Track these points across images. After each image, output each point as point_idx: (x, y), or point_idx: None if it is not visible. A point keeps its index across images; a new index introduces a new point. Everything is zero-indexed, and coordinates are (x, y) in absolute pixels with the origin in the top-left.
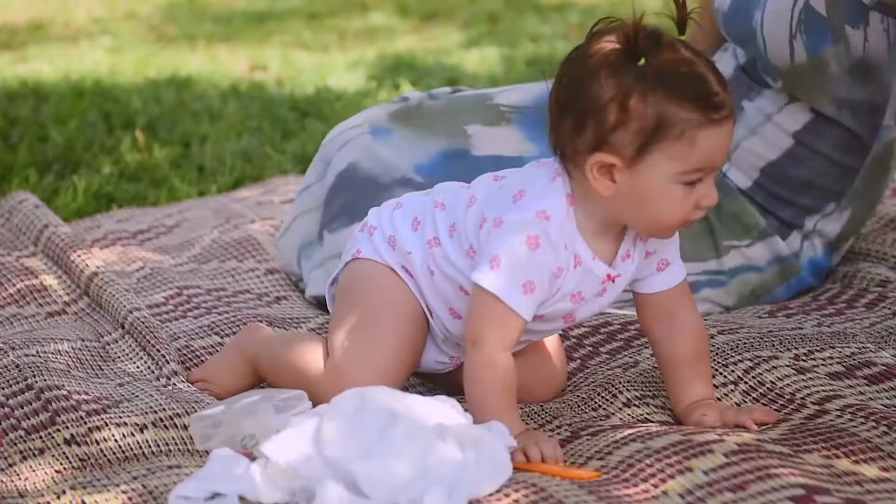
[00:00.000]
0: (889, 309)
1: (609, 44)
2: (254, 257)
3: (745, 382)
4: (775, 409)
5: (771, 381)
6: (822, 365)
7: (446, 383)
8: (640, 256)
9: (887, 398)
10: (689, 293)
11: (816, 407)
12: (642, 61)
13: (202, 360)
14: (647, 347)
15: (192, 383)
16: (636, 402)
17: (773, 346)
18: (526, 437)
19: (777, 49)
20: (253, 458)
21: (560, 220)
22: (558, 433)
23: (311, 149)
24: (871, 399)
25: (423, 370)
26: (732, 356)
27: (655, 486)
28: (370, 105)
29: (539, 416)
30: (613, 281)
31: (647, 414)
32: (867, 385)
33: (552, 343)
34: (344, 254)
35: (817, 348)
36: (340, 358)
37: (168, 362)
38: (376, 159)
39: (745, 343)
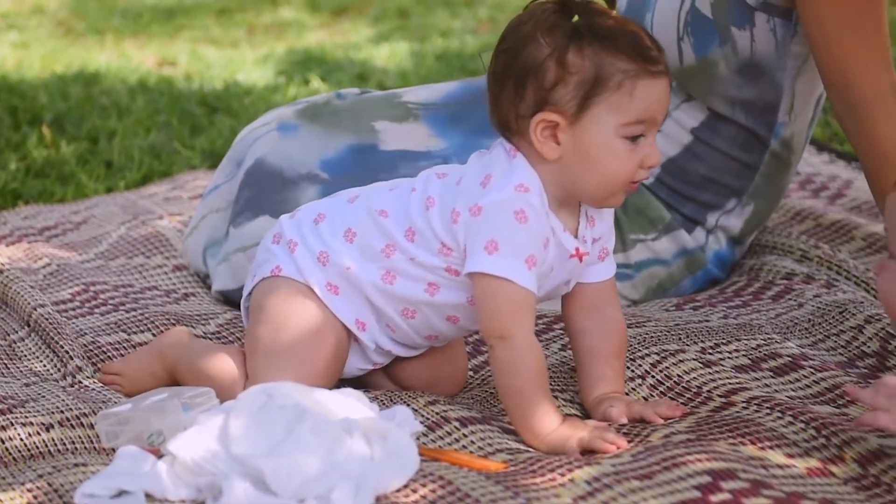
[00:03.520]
0: (794, 301)
1: (542, 9)
2: (161, 253)
3: (653, 376)
4: (682, 403)
5: (678, 375)
6: (729, 358)
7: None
8: (591, 240)
9: (792, 390)
10: (615, 288)
11: (723, 399)
12: (576, 18)
13: (109, 357)
14: (554, 342)
15: (105, 374)
16: None
17: (680, 339)
18: (576, 427)
19: (666, 51)
20: (160, 456)
21: (538, 190)
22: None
23: (219, 144)
24: (776, 391)
25: (344, 376)
26: (640, 350)
27: (563, 475)
28: (279, 100)
29: (450, 404)
30: (581, 260)
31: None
32: (773, 377)
33: (456, 341)
34: (257, 265)
35: (723, 341)
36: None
37: (72, 358)
38: (283, 154)
39: (652, 336)
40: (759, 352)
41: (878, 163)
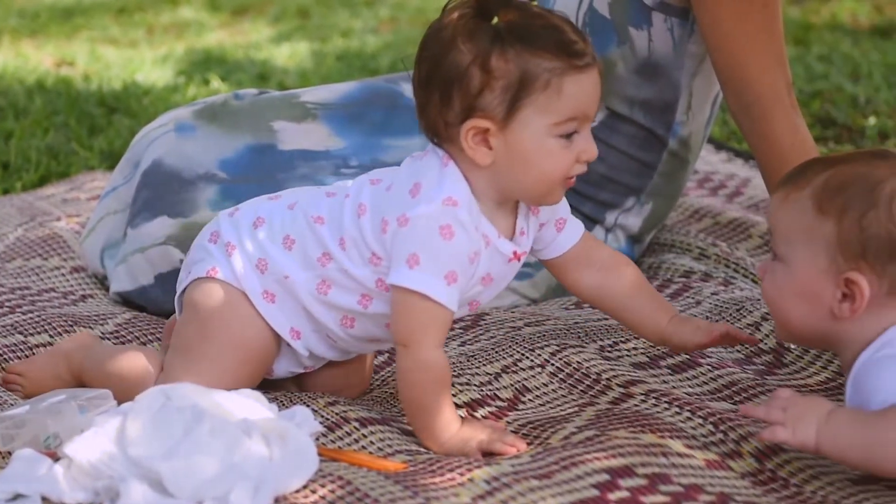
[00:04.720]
0: (692, 298)
1: (460, 12)
2: (59, 255)
3: (553, 364)
4: (582, 389)
5: (577, 362)
6: (627, 355)
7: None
8: (535, 230)
9: (689, 386)
10: (594, 238)
11: (622, 390)
12: (495, 20)
13: (6, 360)
14: (454, 339)
15: (8, 373)
16: None
17: (579, 337)
18: (475, 430)
19: None
20: (56, 459)
21: (467, 203)
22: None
23: (118, 145)
24: (674, 387)
25: (272, 377)
26: (539, 343)
27: (462, 475)
28: (179, 100)
29: (350, 405)
30: (519, 259)
31: (452, 393)
32: (670, 374)
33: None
34: (192, 262)
35: (622, 339)
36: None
37: None
38: (181, 155)
39: (551, 333)
40: (657, 349)
41: (774, 161)
